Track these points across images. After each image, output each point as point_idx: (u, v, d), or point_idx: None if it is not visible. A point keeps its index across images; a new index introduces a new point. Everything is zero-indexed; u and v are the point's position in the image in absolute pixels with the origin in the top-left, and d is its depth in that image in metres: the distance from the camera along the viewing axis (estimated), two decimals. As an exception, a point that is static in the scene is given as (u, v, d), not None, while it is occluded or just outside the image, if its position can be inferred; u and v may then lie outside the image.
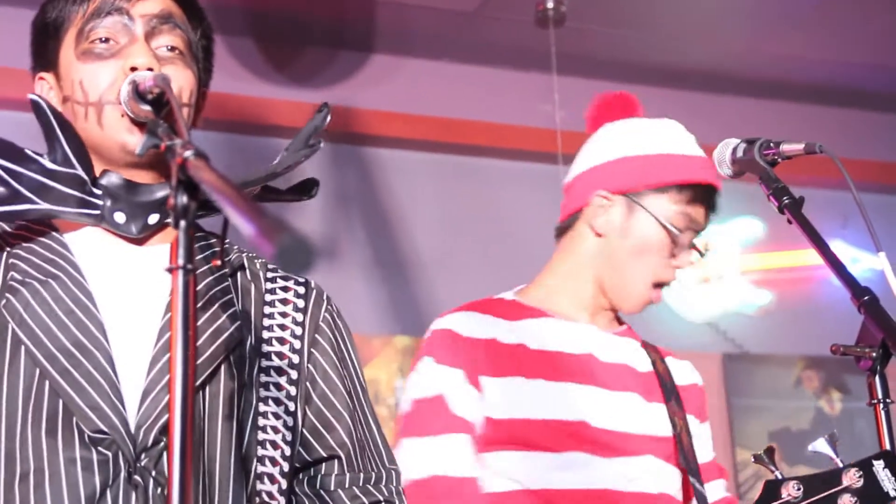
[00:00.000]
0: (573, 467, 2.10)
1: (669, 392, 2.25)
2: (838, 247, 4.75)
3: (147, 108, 1.49)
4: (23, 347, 1.48)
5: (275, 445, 1.58)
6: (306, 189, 1.74)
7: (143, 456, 1.46)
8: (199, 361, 1.49)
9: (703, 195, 2.21)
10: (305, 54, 4.63)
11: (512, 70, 4.88)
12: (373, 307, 4.51)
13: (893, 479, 1.44)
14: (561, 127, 4.64)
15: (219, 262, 1.29)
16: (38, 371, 1.47)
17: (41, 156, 1.57)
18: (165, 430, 1.46)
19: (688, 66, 4.93)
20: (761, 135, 5.29)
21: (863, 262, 4.77)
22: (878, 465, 1.44)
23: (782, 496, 1.44)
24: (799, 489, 1.44)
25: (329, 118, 1.72)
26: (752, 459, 1.46)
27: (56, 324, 1.49)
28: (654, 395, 2.24)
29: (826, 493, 1.45)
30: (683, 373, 2.34)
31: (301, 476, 1.67)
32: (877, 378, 1.52)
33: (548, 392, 2.15)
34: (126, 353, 1.51)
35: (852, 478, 1.43)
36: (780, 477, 1.45)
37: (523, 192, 4.79)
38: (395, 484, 1.72)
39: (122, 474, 1.45)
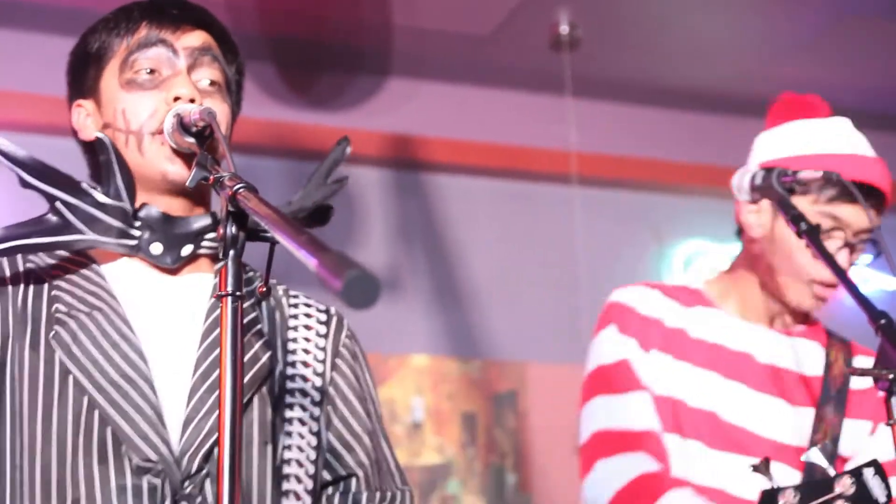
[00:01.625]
0: (690, 454, 2.17)
1: (830, 397, 2.26)
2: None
3: (191, 139, 1.55)
4: (71, 378, 1.53)
5: (300, 464, 1.63)
6: (322, 216, 1.79)
7: (186, 483, 1.51)
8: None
9: (852, 194, 2.13)
10: (324, 79, 4.68)
11: (526, 92, 4.93)
12: (388, 326, 4.55)
13: (882, 485, 1.48)
14: (576, 148, 4.69)
15: (264, 289, 1.33)
16: (86, 401, 1.52)
17: (95, 188, 1.63)
18: (207, 457, 1.51)
19: (701, 88, 4.97)
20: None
21: (874, 283, 4.79)
22: (868, 473, 1.48)
23: None
24: (796, 497, 1.48)
25: (348, 151, 1.77)
26: (751, 469, 1.50)
27: (103, 355, 1.54)
28: (806, 399, 2.26)
29: (821, 500, 1.48)
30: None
31: (321, 495, 1.71)
32: (893, 399, 1.56)
33: (688, 376, 2.23)
34: (166, 382, 1.56)
35: (845, 485, 1.47)
36: (776, 486, 1.49)
37: (537, 214, 4.84)
38: (409, 500, 1.77)
39: (168, 501, 1.50)
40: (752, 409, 2.22)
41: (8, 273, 1.63)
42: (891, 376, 1.56)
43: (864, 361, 2.33)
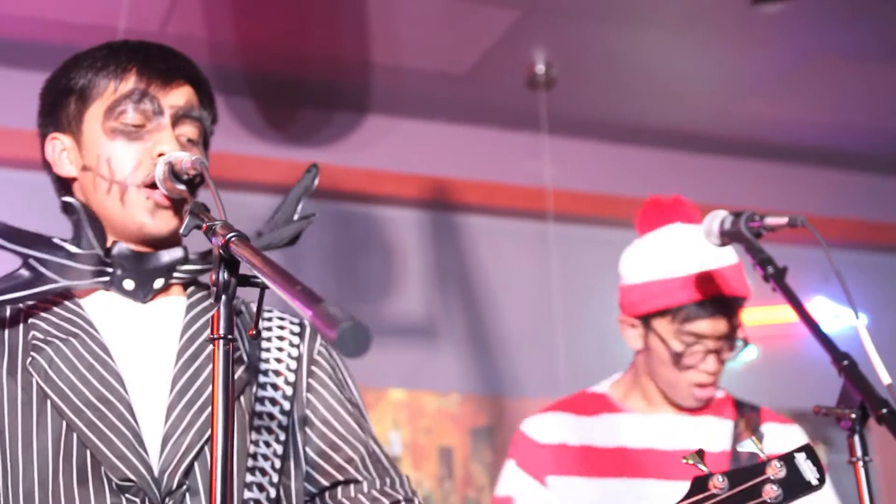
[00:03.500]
0: None
1: (740, 466, 2.35)
2: (822, 302, 4.86)
3: (182, 187, 1.60)
4: (49, 402, 1.57)
5: (263, 472, 1.66)
6: (292, 239, 1.84)
7: (167, 500, 1.55)
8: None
9: (706, 309, 2.34)
10: (303, 115, 4.73)
11: (502, 130, 4.99)
12: (365, 360, 4.57)
13: (815, 468, 1.50)
14: (551, 186, 4.74)
15: (254, 332, 1.38)
16: (65, 424, 1.56)
17: (66, 241, 1.69)
18: (187, 473, 1.55)
19: (673, 126, 5.05)
20: (746, 194, 5.43)
21: (843, 319, 4.86)
22: (801, 457, 1.50)
23: (709, 489, 1.51)
24: (724, 482, 1.51)
25: (317, 179, 1.82)
26: (683, 461, 1.54)
27: (79, 379, 1.58)
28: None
29: (750, 483, 1.50)
30: (772, 443, 2.43)
31: (322, 497, 1.76)
32: (856, 437, 1.62)
33: (597, 489, 2.37)
34: (143, 403, 1.61)
35: (775, 469, 1.50)
36: (707, 472, 1.53)
37: (513, 250, 4.88)
38: (409, 485, 1.81)
39: None
40: (666, 499, 2.31)
41: None
42: (853, 415, 1.61)
43: (772, 427, 2.47)
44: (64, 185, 1.76)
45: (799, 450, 1.52)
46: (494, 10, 4.11)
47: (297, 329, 1.82)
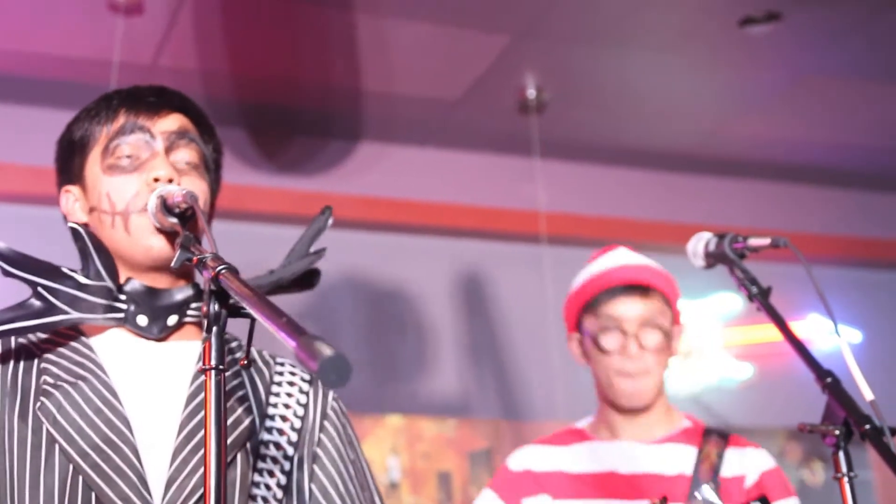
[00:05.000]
0: None
1: (697, 489, 2.42)
2: (817, 319, 4.88)
3: (174, 220, 1.62)
4: (57, 446, 1.59)
5: None
6: (309, 281, 1.86)
7: None
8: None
9: (615, 293, 2.58)
10: (295, 143, 4.77)
11: (495, 155, 5.02)
12: (362, 387, 4.59)
13: None
14: (545, 209, 4.77)
15: (245, 362, 1.41)
16: (71, 467, 1.58)
17: (75, 272, 1.70)
18: None
19: (665, 148, 5.09)
20: (740, 214, 5.45)
21: (839, 335, 4.87)
22: None
23: None
24: None
25: (331, 221, 1.85)
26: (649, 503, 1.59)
27: (87, 423, 1.60)
28: (673, 495, 2.44)
29: None
30: (733, 465, 2.52)
31: None
32: (840, 454, 1.64)
33: None
34: (150, 444, 1.62)
35: None
36: None
37: (507, 274, 4.91)
38: None
39: None
40: None
41: (0, 349, 1.70)
42: (836, 432, 1.64)
43: (734, 452, 2.54)
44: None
45: (757, 499, 1.57)
46: (485, 36, 4.15)
47: (307, 378, 1.84)
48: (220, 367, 1.35)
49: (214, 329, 1.37)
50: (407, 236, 4.86)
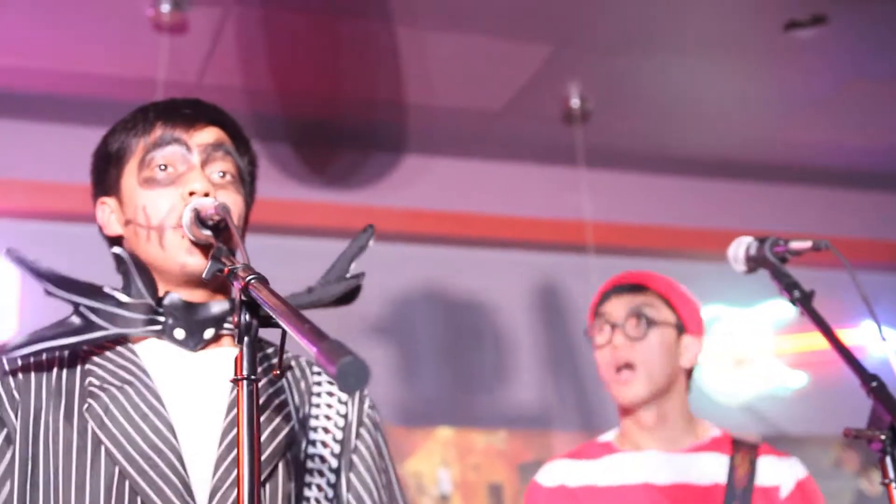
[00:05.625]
0: None
1: (733, 498, 2.44)
2: (868, 326, 4.81)
3: (207, 232, 1.64)
4: (103, 448, 1.61)
5: None
6: (347, 297, 1.87)
7: None
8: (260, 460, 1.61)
9: (607, 294, 2.64)
10: (340, 157, 4.78)
11: (540, 165, 5.01)
12: (412, 400, 4.59)
13: None
14: (590, 218, 4.75)
15: (278, 373, 1.41)
16: (117, 471, 1.59)
17: (117, 290, 1.72)
18: None
19: (712, 155, 5.05)
20: (785, 219, 5.39)
21: (891, 341, 4.80)
22: None
23: None
24: None
25: (372, 240, 1.86)
26: None
27: (133, 427, 1.62)
28: None
29: None
30: (768, 474, 2.49)
31: None
32: (888, 458, 1.61)
33: None
34: (193, 452, 1.63)
35: None
36: None
37: (554, 284, 4.89)
38: None
39: None
40: None
41: (45, 353, 1.72)
42: (882, 436, 1.61)
43: (768, 461, 2.52)
44: (114, 244, 1.81)
45: None
46: (527, 46, 4.14)
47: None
48: (252, 377, 1.36)
49: (246, 339, 1.38)
50: (451, 248, 4.85)
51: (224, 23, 3.88)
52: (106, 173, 1.81)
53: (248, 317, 1.39)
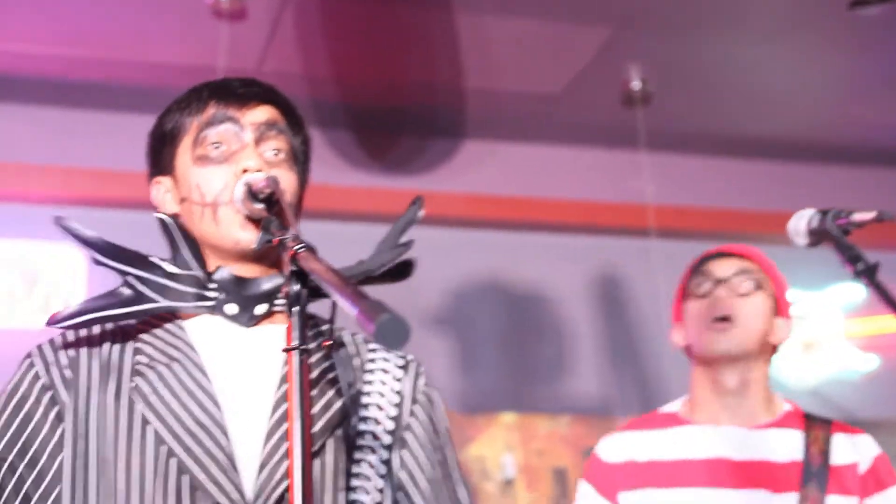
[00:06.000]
0: None
1: (811, 476, 2.38)
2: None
3: (260, 206, 1.64)
4: (150, 427, 1.61)
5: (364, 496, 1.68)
6: (403, 272, 1.86)
7: None
8: (311, 433, 1.61)
9: (708, 258, 2.59)
10: (401, 143, 4.78)
11: (601, 149, 4.97)
12: (475, 385, 4.58)
13: None
14: (653, 202, 4.71)
15: (329, 342, 1.40)
16: (164, 449, 1.60)
17: (164, 261, 1.72)
18: (281, 500, 1.57)
19: (776, 136, 4.97)
20: (852, 200, 5.29)
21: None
22: None
23: None
24: None
25: (422, 211, 1.84)
26: None
27: (179, 404, 1.63)
28: (788, 484, 2.37)
29: None
30: (845, 451, 2.44)
31: None
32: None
33: (674, 499, 2.39)
34: (241, 428, 1.63)
35: None
36: None
37: (616, 268, 4.85)
38: None
39: None
40: None
41: (97, 330, 1.74)
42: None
43: (842, 439, 2.46)
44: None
45: None
46: (586, 28, 4.10)
47: (401, 362, 1.83)
48: (303, 346, 1.35)
49: (295, 309, 1.37)
50: (512, 233, 4.84)
51: (283, 9, 3.89)
52: (161, 152, 1.82)
53: (297, 287, 1.38)
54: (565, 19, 4.04)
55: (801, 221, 1.96)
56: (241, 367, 1.70)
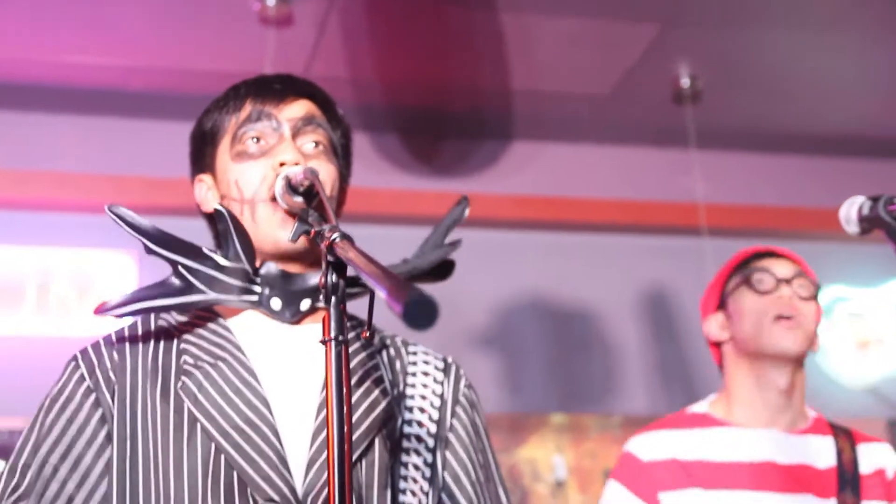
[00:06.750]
0: None
1: (846, 483, 2.38)
2: None
3: (299, 199, 1.64)
4: (199, 425, 1.62)
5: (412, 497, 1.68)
6: (444, 272, 1.85)
7: None
8: (356, 434, 1.61)
9: (764, 255, 2.57)
10: (448, 146, 4.78)
11: (650, 147, 4.94)
12: (525, 386, 4.57)
13: None
14: (703, 200, 4.67)
15: (367, 334, 1.39)
16: (213, 446, 1.61)
17: (215, 252, 1.73)
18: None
19: (828, 132, 4.91)
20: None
21: None
22: None
23: None
24: None
25: (467, 210, 1.84)
26: None
27: (227, 403, 1.63)
28: (829, 490, 2.37)
29: None
30: (871, 460, 2.45)
31: None
32: None
33: (721, 500, 2.36)
34: (289, 427, 1.63)
35: None
36: None
37: (668, 267, 4.82)
38: None
39: None
40: None
41: (140, 331, 1.75)
42: None
43: (865, 448, 2.46)
44: (212, 221, 1.84)
45: None
46: (634, 26, 4.08)
47: (441, 365, 1.83)
48: (340, 337, 1.34)
49: (333, 300, 1.36)
50: (564, 234, 4.82)
51: (329, 14, 3.90)
52: (202, 152, 1.84)
53: (334, 277, 1.37)
54: (612, 17, 4.02)
55: (852, 209, 1.94)
56: (286, 366, 1.70)
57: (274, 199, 1.70)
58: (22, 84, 4.29)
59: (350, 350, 1.69)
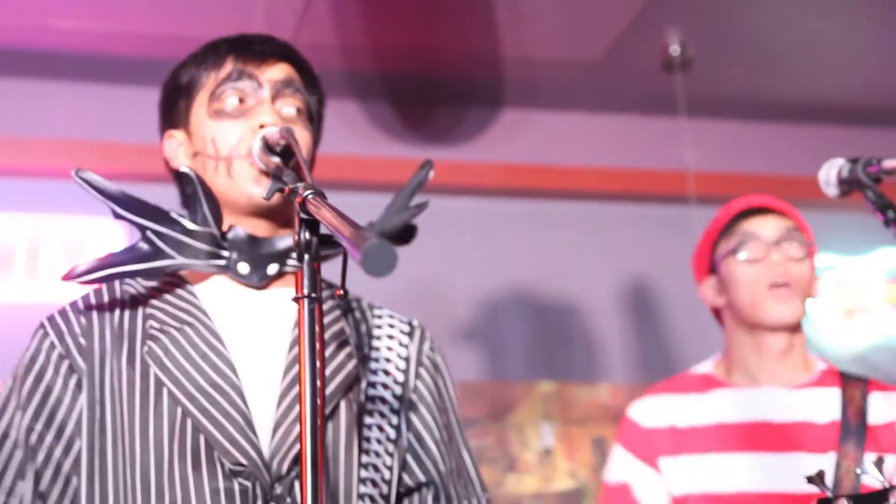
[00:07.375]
0: None
1: (849, 434, 2.36)
2: None
3: (276, 159, 1.64)
4: (165, 389, 1.63)
5: (376, 468, 1.69)
6: (405, 236, 1.85)
7: (277, 485, 1.59)
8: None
9: (749, 214, 2.53)
10: (438, 113, 4.77)
11: (640, 116, 4.93)
12: (512, 354, 4.58)
13: None
14: (693, 168, 4.67)
15: (342, 292, 1.40)
16: (180, 411, 1.61)
17: (183, 216, 1.72)
18: (297, 459, 1.58)
19: (819, 100, 4.91)
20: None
21: None
22: None
23: None
24: None
25: (432, 173, 1.84)
26: (807, 480, 1.49)
27: (193, 367, 1.63)
28: (828, 444, 2.35)
29: None
30: (881, 410, 2.43)
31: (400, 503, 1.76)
32: None
33: (714, 465, 2.37)
34: (256, 390, 1.64)
35: None
36: (830, 496, 1.49)
37: (656, 236, 4.82)
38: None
39: (259, 502, 1.58)
40: (778, 473, 2.34)
41: (106, 297, 1.76)
42: None
43: (880, 397, 2.43)
44: (180, 179, 1.82)
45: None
46: (623, -7, 4.07)
47: (406, 329, 1.84)
48: (313, 295, 1.35)
49: (306, 257, 1.37)
50: (553, 202, 4.82)
51: (317, -21, 3.89)
52: (175, 106, 1.83)
53: (307, 234, 1.37)
54: (602, -17, 4.01)
55: (831, 171, 1.95)
56: (253, 330, 1.70)
57: (250, 156, 1.70)
58: (13, 49, 4.27)
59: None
